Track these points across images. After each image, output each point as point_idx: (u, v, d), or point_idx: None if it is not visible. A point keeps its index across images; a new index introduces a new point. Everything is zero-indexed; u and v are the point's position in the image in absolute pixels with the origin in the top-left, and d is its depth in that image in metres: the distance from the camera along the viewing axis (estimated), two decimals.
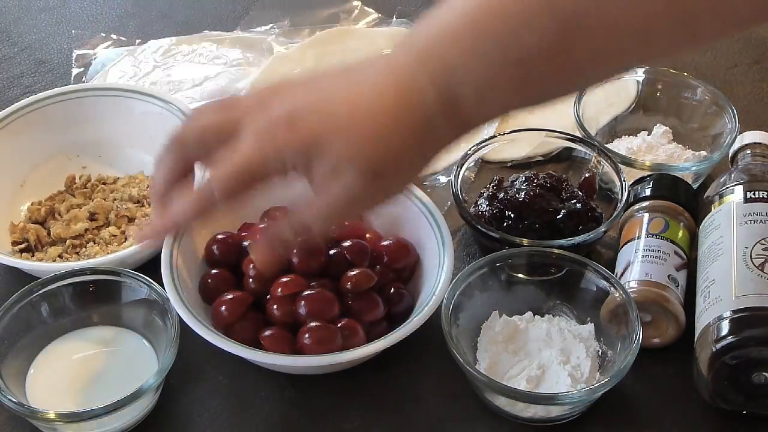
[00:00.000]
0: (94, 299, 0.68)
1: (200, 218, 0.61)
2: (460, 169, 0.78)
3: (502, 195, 0.76)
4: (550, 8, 0.52)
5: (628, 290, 0.67)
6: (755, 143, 0.79)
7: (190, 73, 0.97)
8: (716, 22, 0.53)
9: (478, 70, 0.54)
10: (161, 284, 0.66)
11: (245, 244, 0.70)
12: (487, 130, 0.87)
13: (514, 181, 0.77)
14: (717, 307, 0.64)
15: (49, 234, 0.78)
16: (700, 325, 0.65)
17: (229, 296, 0.67)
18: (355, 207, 0.60)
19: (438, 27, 0.55)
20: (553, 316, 0.70)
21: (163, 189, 0.61)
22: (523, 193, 0.75)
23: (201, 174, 0.63)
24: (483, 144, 0.80)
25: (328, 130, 0.56)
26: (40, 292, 0.67)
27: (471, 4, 0.54)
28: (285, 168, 0.57)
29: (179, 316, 0.64)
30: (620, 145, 0.85)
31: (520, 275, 0.70)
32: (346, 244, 0.70)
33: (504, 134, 0.83)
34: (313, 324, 0.65)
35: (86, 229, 0.78)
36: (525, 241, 0.71)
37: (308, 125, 0.56)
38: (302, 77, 0.60)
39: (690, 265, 0.71)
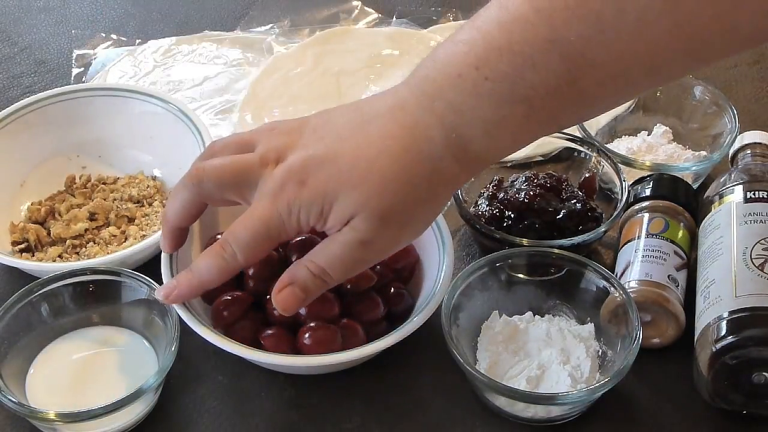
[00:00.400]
0: (94, 299, 0.68)
1: (223, 280, 0.62)
2: None
3: (502, 195, 0.76)
4: (555, 44, 0.52)
5: (628, 290, 0.67)
6: (755, 143, 0.79)
7: (190, 73, 0.97)
8: (722, 45, 0.53)
9: (485, 110, 0.54)
10: (161, 284, 0.66)
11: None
12: None
13: (514, 181, 0.77)
14: (717, 307, 0.64)
15: (49, 234, 0.78)
16: (700, 325, 0.65)
17: (229, 296, 0.67)
18: (369, 255, 0.60)
19: (443, 66, 0.55)
20: (553, 316, 0.70)
21: (175, 223, 0.64)
22: (523, 193, 0.75)
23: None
24: None
25: (337, 183, 0.56)
26: (40, 292, 0.67)
27: (475, 41, 0.54)
28: (300, 226, 0.58)
29: (179, 316, 0.64)
30: (620, 145, 0.85)
31: (520, 275, 0.70)
32: None
33: None
34: (313, 324, 0.65)
35: (86, 229, 0.78)
36: (525, 241, 0.71)
37: (317, 182, 0.57)
38: (315, 119, 0.60)
39: (690, 265, 0.71)
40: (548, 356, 0.66)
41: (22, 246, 0.77)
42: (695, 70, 0.58)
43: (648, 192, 0.75)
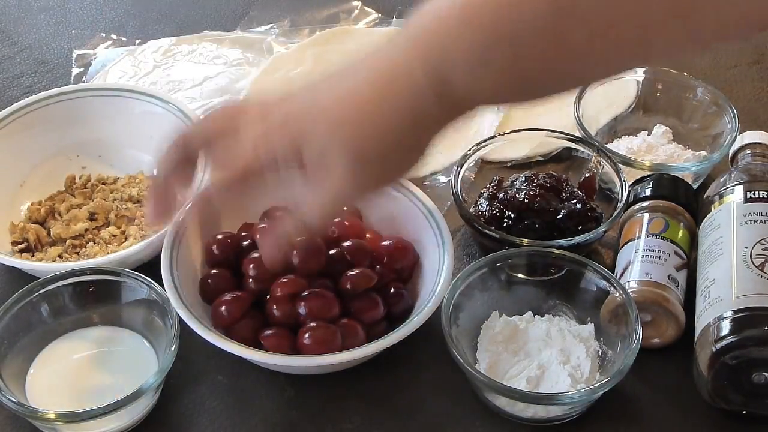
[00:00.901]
0: (94, 299, 0.68)
1: (199, 217, 0.63)
2: (460, 169, 0.78)
3: (502, 195, 0.76)
4: None
5: (628, 290, 0.67)
6: (755, 143, 0.79)
7: (190, 73, 0.97)
8: (718, 21, 0.52)
9: (469, 49, 0.53)
10: (161, 284, 0.66)
11: (245, 243, 0.70)
12: (487, 130, 0.87)
13: (514, 181, 0.77)
14: (717, 307, 0.64)
15: (49, 234, 0.78)
16: (700, 325, 0.65)
17: (229, 296, 0.67)
18: (348, 195, 0.60)
19: (428, 14, 0.55)
20: (553, 316, 0.70)
21: (162, 178, 0.64)
22: (523, 193, 0.75)
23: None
24: (483, 144, 0.80)
25: (313, 120, 0.57)
26: (40, 292, 0.67)
27: None
28: (277, 164, 0.58)
29: (179, 316, 0.64)
30: (620, 145, 0.85)
31: (520, 275, 0.70)
32: (346, 244, 0.70)
33: (504, 134, 0.83)
34: (313, 324, 0.65)
35: (86, 229, 0.78)
36: (525, 241, 0.71)
37: (297, 123, 0.57)
38: (303, 85, 0.61)
39: (690, 265, 0.71)
40: (548, 356, 0.66)
41: (22, 246, 0.77)
42: (689, 48, 0.56)
43: (648, 192, 0.75)
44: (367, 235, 0.72)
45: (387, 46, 0.57)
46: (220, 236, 0.71)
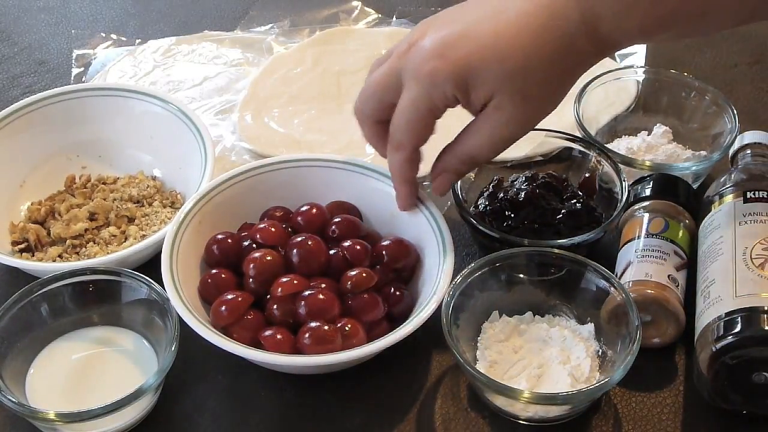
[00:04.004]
0: (94, 299, 0.68)
1: (413, 172, 0.67)
2: None
3: (502, 195, 0.76)
4: None
5: (628, 290, 0.67)
6: (755, 143, 0.79)
7: (190, 72, 0.97)
8: None
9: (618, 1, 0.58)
10: (161, 284, 0.66)
11: (245, 243, 0.70)
12: None
13: (514, 181, 0.77)
14: (717, 307, 0.64)
15: (49, 234, 0.78)
16: (700, 325, 0.65)
17: (229, 296, 0.67)
18: (514, 133, 0.63)
19: None
20: (553, 316, 0.70)
21: (381, 149, 0.68)
22: (523, 193, 0.75)
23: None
24: None
25: (479, 57, 0.59)
26: (40, 292, 0.67)
27: None
28: (446, 99, 0.61)
29: (179, 316, 0.64)
30: (620, 145, 0.85)
31: (520, 275, 0.70)
32: (346, 244, 0.70)
33: None
34: (313, 324, 0.65)
35: (86, 229, 0.78)
36: (525, 241, 0.71)
37: (458, 54, 0.60)
38: (444, 12, 0.64)
39: (690, 265, 0.71)
40: (548, 356, 0.66)
41: (22, 246, 0.77)
42: None
43: (648, 192, 0.75)
44: (367, 235, 0.72)
45: None
46: (220, 236, 0.71)
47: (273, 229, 0.70)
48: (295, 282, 0.66)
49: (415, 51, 0.61)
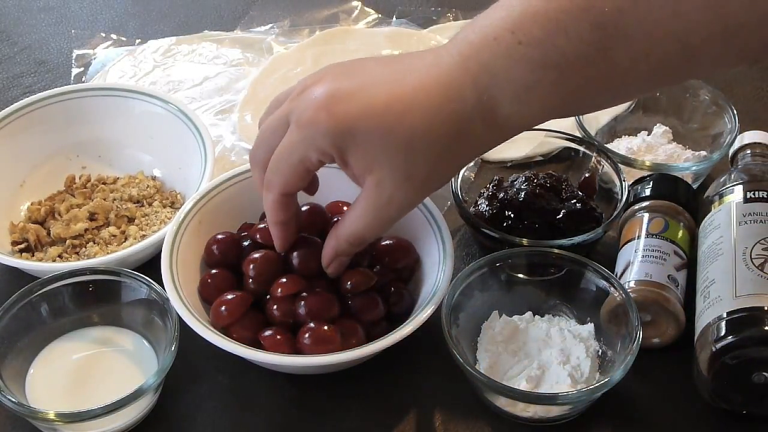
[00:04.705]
0: (94, 299, 0.68)
1: (283, 215, 0.64)
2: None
3: (502, 195, 0.76)
4: (589, 12, 0.53)
5: (628, 290, 0.67)
6: (755, 143, 0.79)
7: (190, 73, 0.97)
8: (759, 31, 0.52)
9: (517, 73, 0.55)
10: (161, 284, 0.66)
11: (245, 243, 0.70)
12: None
13: (514, 181, 0.77)
14: (717, 307, 0.64)
15: (49, 234, 0.78)
16: (700, 325, 0.65)
17: (229, 296, 0.67)
18: (394, 213, 0.60)
19: (481, 30, 0.56)
20: (553, 316, 0.70)
21: (282, 190, 0.64)
22: (523, 193, 0.75)
23: None
24: None
25: (363, 124, 0.56)
26: (40, 292, 0.67)
27: (513, 7, 0.55)
28: (322, 153, 0.58)
29: (179, 316, 0.64)
30: (620, 145, 0.85)
31: (520, 275, 0.70)
32: None
33: None
34: (313, 324, 0.65)
35: (86, 229, 0.78)
36: (525, 241, 0.71)
37: (345, 109, 0.56)
38: (345, 63, 0.61)
39: (690, 265, 0.71)
40: (548, 356, 0.66)
41: (22, 246, 0.77)
42: (735, 63, 0.56)
43: (648, 192, 0.75)
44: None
45: (441, 50, 0.58)
46: (220, 236, 0.71)
47: None
48: (295, 282, 0.66)
49: (305, 97, 0.58)
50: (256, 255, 0.68)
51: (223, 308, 0.66)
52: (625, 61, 0.54)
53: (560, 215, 0.74)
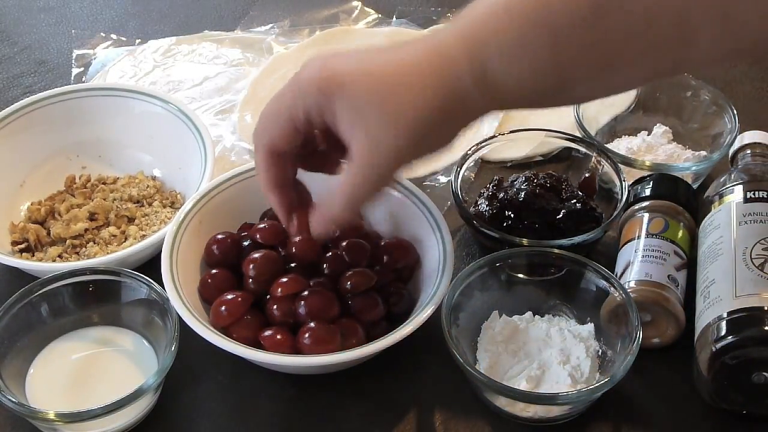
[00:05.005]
0: (94, 299, 0.68)
1: (274, 175, 0.63)
2: (460, 169, 0.78)
3: (502, 195, 0.76)
4: None
5: (628, 290, 0.67)
6: (755, 143, 0.79)
7: (190, 72, 0.97)
8: (763, 16, 0.52)
9: (508, 34, 0.55)
10: (161, 284, 0.66)
11: (245, 243, 0.70)
12: (487, 129, 0.87)
13: (514, 181, 0.77)
14: (717, 307, 0.64)
15: (49, 234, 0.78)
16: (700, 325, 0.65)
17: (229, 296, 0.67)
18: (383, 158, 0.58)
19: (475, 8, 0.56)
20: (553, 316, 0.70)
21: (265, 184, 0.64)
22: (523, 193, 0.75)
23: None
24: (483, 144, 0.80)
25: (354, 72, 0.57)
26: (40, 292, 0.67)
27: None
28: (307, 105, 0.58)
29: (179, 316, 0.64)
30: (620, 145, 0.85)
31: (520, 275, 0.70)
32: (345, 243, 0.70)
33: (504, 134, 0.83)
34: (313, 324, 0.65)
35: (86, 229, 0.78)
36: (525, 241, 0.71)
37: (335, 62, 0.58)
38: (347, 49, 0.62)
39: (690, 265, 0.71)
40: (548, 356, 0.66)
41: (22, 246, 0.77)
42: (734, 48, 0.55)
43: (648, 192, 0.75)
44: (367, 235, 0.72)
45: (438, 31, 0.58)
46: (220, 236, 0.71)
47: (273, 229, 0.70)
48: (295, 282, 0.66)
49: (305, 64, 0.60)
50: (256, 255, 0.68)
51: (223, 308, 0.66)
52: (619, 35, 0.53)
53: (560, 215, 0.74)
